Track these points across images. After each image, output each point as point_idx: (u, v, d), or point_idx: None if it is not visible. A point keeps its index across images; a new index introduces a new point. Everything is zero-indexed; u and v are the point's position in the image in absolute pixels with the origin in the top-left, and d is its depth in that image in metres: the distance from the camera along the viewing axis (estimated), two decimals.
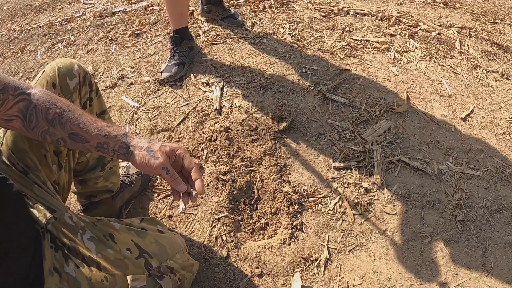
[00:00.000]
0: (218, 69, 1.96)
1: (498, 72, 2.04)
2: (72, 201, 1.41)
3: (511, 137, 1.67)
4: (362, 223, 1.37)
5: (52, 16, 2.72)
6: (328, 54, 2.04)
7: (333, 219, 1.37)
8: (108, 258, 0.86)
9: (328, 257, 1.28)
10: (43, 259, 0.79)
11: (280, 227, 1.36)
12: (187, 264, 1.04)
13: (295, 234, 1.33)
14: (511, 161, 1.58)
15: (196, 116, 1.72)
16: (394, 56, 2.06)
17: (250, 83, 1.87)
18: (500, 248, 1.31)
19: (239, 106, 1.75)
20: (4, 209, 0.72)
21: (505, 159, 1.58)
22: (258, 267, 1.24)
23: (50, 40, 2.42)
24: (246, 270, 1.23)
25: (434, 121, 1.71)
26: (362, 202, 1.41)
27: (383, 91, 1.83)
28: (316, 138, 1.62)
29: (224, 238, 1.29)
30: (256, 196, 1.45)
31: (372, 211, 1.40)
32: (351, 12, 2.39)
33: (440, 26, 2.35)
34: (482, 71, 2.03)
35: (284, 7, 2.44)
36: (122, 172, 1.44)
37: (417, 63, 2.04)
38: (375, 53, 2.08)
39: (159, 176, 1.23)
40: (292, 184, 1.47)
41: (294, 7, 2.44)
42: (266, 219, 1.39)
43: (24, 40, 2.49)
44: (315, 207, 1.41)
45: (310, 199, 1.43)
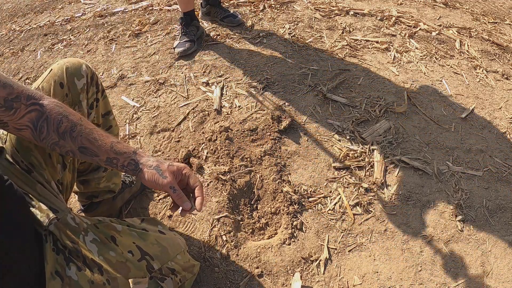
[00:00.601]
0: (218, 69, 1.96)
1: (498, 72, 2.04)
2: (73, 201, 1.41)
3: (511, 137, 1.67)
4: (362, 223, 1.37)
5: (52, 16, 2.72)
6: (328, 54, 2.04)
7: (333, 219, 1.37)
8: (110, 260, 0.86)
9: (328, 257, 1.28)
10: (44, 262, 0.79)
11: (280, 227, 1.36)
12: (188, 265, 1.04)
13: (295, 234, 1.33)
14: (511, 161, 1.58)
15: (196, 116, 1.72)
16: (394, 56, 2.06)
17: (250, 83, 1.87)
18: (500, 248, 1.31)
19: (239, 106, 1.75)
20: (5, 209, 0.72)
21: (505, 159, 1.58)
22: (258, 267, 1.24)
23: (50, 40, 2.42)
24: (246, 270, 1.23)
25: (434, 121, 1.71)
26: (362, 202, 1.41)
27: (383, 91, 1.83)
28: (316, 138, 1.62)
29: (224, 238, 1.29)
30: (256, 196, 1.45)
31: (372, 211, 1.40)
32: (351, 12, 2.39)
33: (440, 26, 2.35)
34: (482, 71, 2.03)
35: (284, 7, 2.44)
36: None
37: (417, 63, 2.04)
38: (375, 53, 2.08)
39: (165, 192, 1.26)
40: (292, 184, 1.47)
41: (294, 7, 2.44)
42: (266, 219, 1.39)
43: (24, 40, 2.49)
44: (315, 207, 1.41)
45: (310, 199, 1.43)
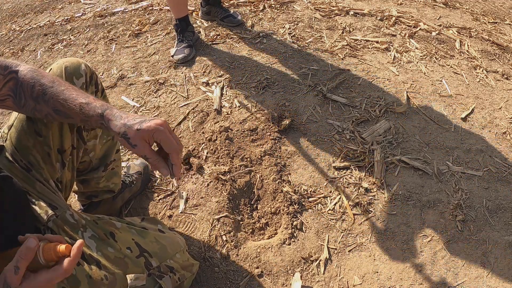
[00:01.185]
0: (218, 69, 1.96)
1: (498, 72, 2.04)
2: (73, 200, 1.42)
3: (511, 137, 1.67)
4: (362, 223, 1.37)
5: (52, 16, 2.72)
6: (328, 54, 2.04)
7: (333, 219, 1.37)
8: (109, 256, 0.87)
9: (328, 257, 1.28)
10: None
11: (280, 227, 1.36)
12: (187, 264, 1.04)
13: (295, 234, 1.33)
14: (511, 161, 1.58)
15: (196, 116, 1.72)
16: (394, 56, 2.06)
17: (250, 83, 1.87)
18: (500, 248, 1.31)
19: (239, 106, 1.75)
20: (6, 205, 0.73)
21: (505, 159, 1.58)
22: (258, 267, 1.24)
23: (50, 40, 2.42)
24: (246, 270, 1.23)
25: (434, 121, 1.71)
26: (362, 202, 1.41)
27: (383, 91, 1.83)
28: (316, 138, 1.62)
29: (224, 238, 1.29)
30: (256, 196, 1.45)
31: (372, 211, 1.40)
32: (351, 12, 2.39)
33: (440, 26, 2.35)
34: (482, 71, 2.03)
35: (284, 7, 2.44)
36: (122, 172, 1.44)
37: (417, 63, 2.04)
38: (375, 53, 2.08)
39: None
40: (292, 184, 1.47)
41: (294, 7, 2.44)
42: (266, 219, 1.39)
43: (24, 40, 2.49)
44: (315, 207, 1.41)
45: (310, 199, 1.43)
